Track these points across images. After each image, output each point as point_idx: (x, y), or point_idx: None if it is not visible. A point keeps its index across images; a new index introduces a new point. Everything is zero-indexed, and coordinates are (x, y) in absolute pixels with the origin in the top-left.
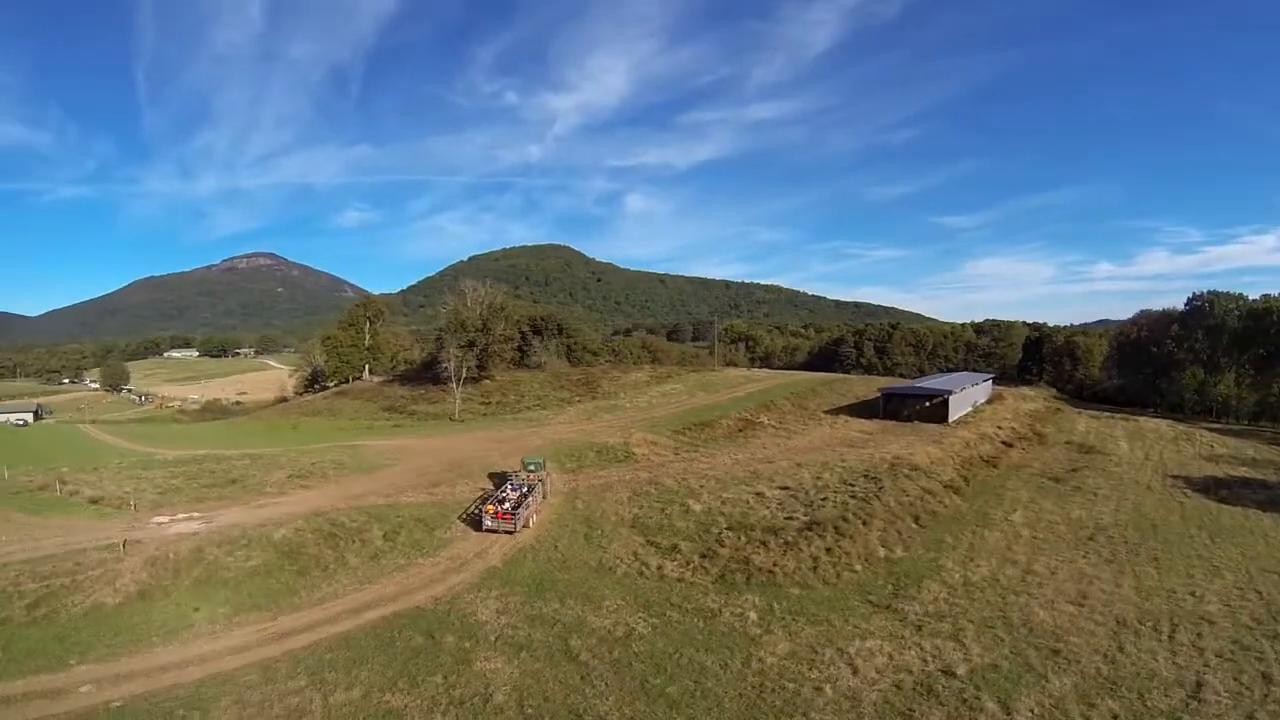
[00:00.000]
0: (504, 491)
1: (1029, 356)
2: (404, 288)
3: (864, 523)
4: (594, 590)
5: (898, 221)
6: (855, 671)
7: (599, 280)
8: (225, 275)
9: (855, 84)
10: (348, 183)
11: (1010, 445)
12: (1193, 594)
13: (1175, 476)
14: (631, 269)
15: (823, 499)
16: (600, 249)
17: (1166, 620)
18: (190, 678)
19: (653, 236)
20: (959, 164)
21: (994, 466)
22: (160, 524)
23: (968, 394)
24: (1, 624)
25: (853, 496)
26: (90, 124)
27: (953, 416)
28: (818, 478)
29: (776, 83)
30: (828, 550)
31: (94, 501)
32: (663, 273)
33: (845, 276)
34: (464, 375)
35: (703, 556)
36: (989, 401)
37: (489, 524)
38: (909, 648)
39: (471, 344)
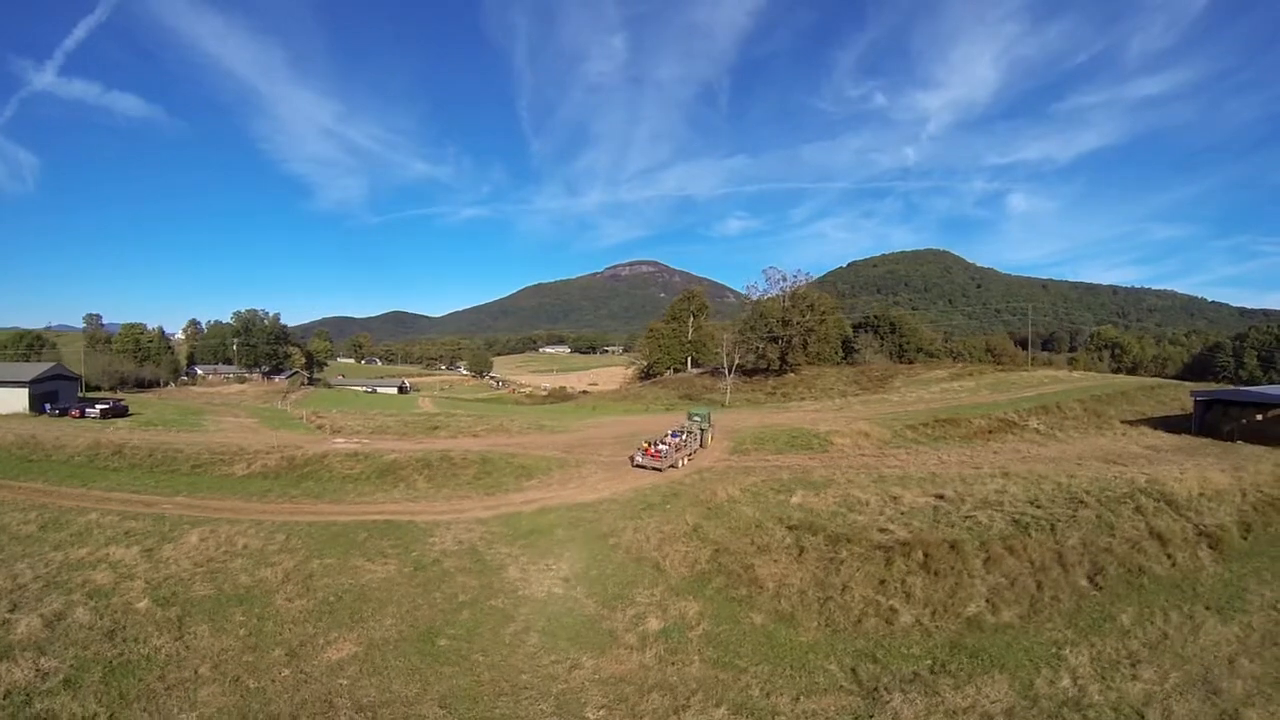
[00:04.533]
0: (665, 438)
1: None
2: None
3: (986, 560)
4: (558, 550)
5: None
6: None
7: (978, 286)
8: (608, 281)
9: (1252, 37)
10: (727, 192)
11: None
12: None
13: None
14: (1012, 274)
15: (966, 517)
16: (981, 253)
17: None
18: (219, 515)
19: (1035, 239)
20: None
21: None
22: (336, 443)
23: None
24: (172, 472)
25: (1014, 522)
26: (483, 157)
27: None
28: (1001, 491)
29: (1159, 50)
30: (880, 583)
31: (318, 428)
32: (1045, 278)
33: (1255, 279)
34: (735, 364)
35: (716, 550)
36: None
37: (639, 460)
38: None
39: (774, 337)
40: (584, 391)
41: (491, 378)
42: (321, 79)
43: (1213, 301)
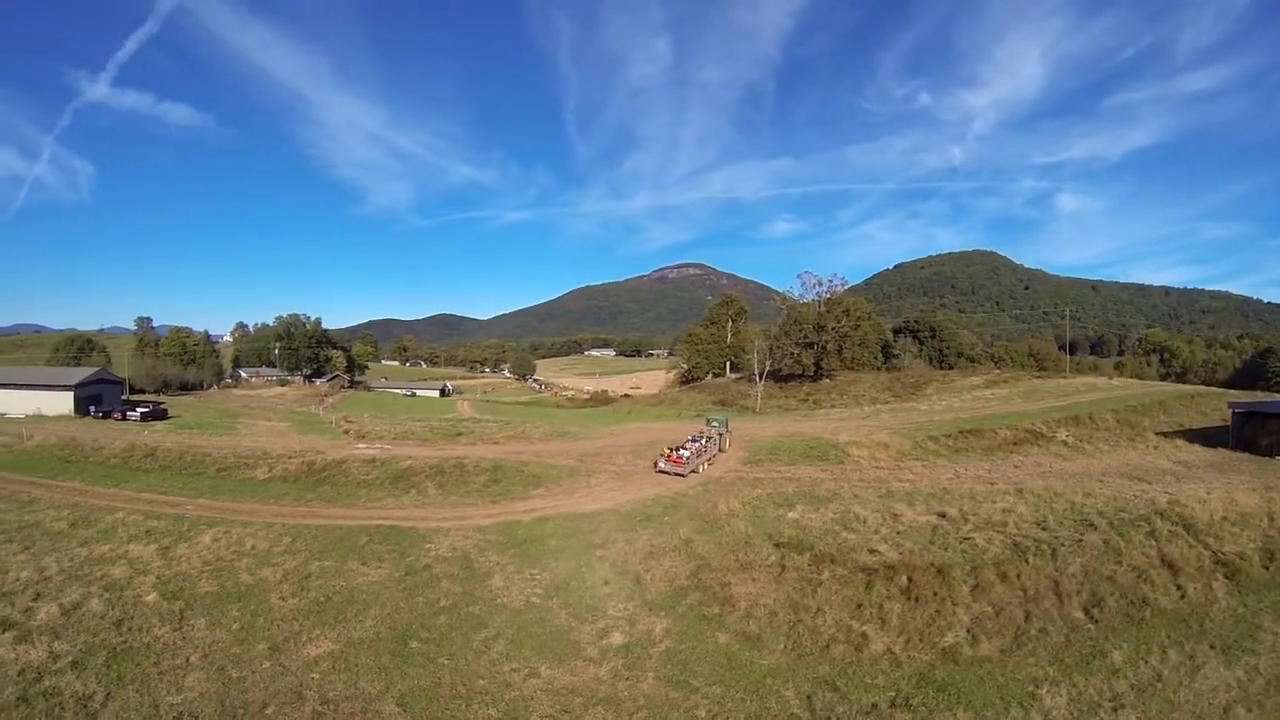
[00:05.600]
0: (686, 443)
1: None
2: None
3: (975, 586)
4: (546, 560)
5: None
6: None
7: (1026, 288)
8: (655, 284)
9: None
10: (773, 194)
11: None
12: None
13: None
14: (1061, 275)
15: (964, 539)
16: (1029, 254)
17: None
18: (236, 517)
19: (1085, 239)
20: None
21: None
22: (358, 449)
23: None
24: (199, 475)
25: (1014, 545)
26: (529, 160)
27: None
28: (1009, 510)
29: (1209, 44)
30: (856, 607)
31: (345, 432)
32: (1094, 279)
33: None
34: (766, 370)
35: (698, 566)
36: None
37: (662, 466)
38: None
39: (808, 343)
40: (625, 395)
41: (535, 381)
42: (368, 85)
43: (1269, 303)
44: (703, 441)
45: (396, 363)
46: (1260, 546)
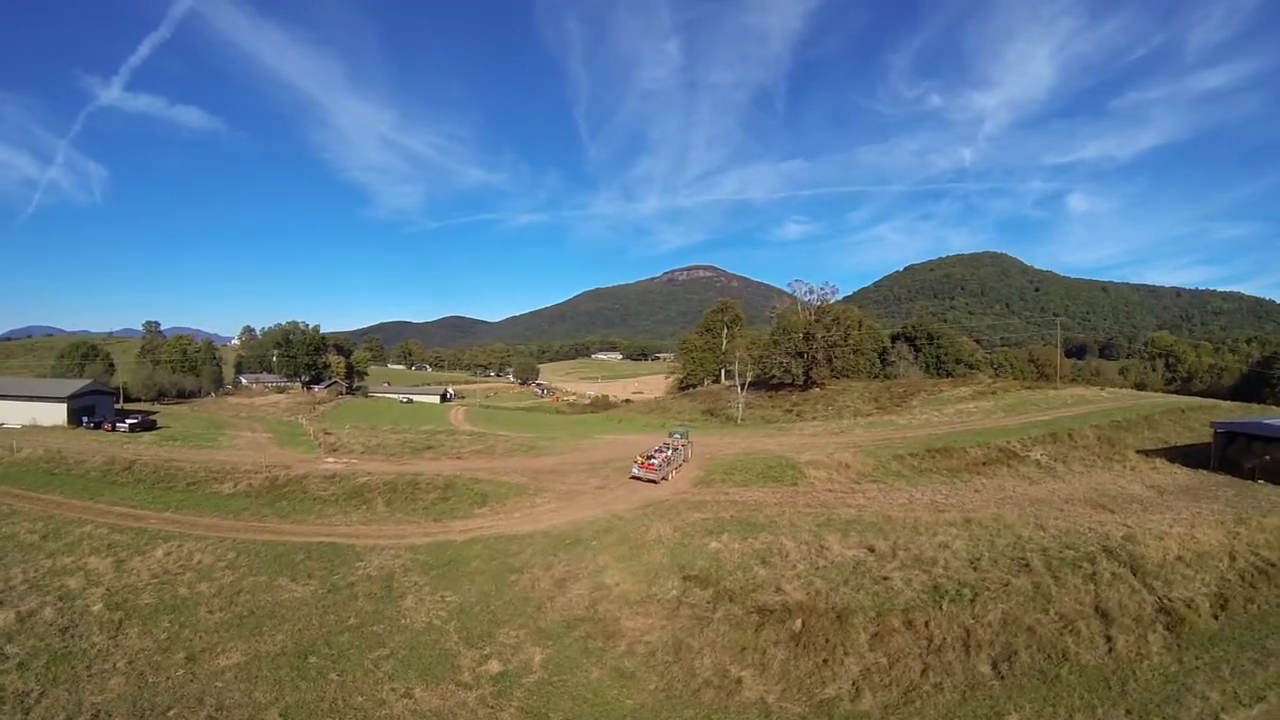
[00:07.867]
0: (655, 452)
1: None
2: (839, 299)
3: (875, 634)
4: (462, 582)
5: None
6: None
7: (1036, 290)
8: (665, 286)
9: None
10: (784, 196)
11: None
12: None
13: None
14: (1071, 277)
15: (882, 579)
16: (1039, 256)
17: None
18: (193, 532)
19: (1096, 240)
20: None
21: None
22: (325, 464)
23: None
24: (169, 489)
25: (934, 588)
26: (540, 163)
27: None
28: (944, 545)
29: (1219, 42)
30: (740, 650)
31: (319, 444)
32: (1105, 280)
33: None
34: (748, 381)
35: (599, 597)
36: None
37: (636, 472)
38: None
39: (798, 352)
40: (627, 400)
41: (538, 385)
42: (379, 88)
43: None
44: (669, 452)
45: (402, 366)
46: (1214, 591)
